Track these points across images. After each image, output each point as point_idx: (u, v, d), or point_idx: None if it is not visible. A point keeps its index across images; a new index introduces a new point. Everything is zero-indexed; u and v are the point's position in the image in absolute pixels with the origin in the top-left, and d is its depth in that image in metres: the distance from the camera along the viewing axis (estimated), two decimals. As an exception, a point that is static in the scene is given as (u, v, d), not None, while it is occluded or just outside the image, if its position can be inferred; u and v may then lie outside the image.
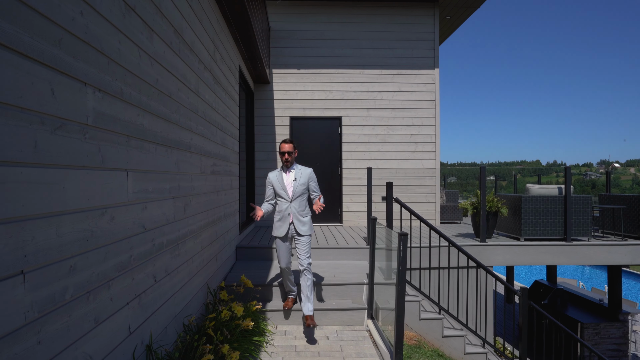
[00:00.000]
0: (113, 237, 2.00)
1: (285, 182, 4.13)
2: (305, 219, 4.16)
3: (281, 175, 4.16)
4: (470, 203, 6.53)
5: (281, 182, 4.12)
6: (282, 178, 4.14)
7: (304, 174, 4.15)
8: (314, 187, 4.21)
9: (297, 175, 4.13)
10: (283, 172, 4.17)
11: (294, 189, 4.10)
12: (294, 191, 4.10)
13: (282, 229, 4.14)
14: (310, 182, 4.16)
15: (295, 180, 4.11)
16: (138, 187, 2.32)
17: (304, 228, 4.13)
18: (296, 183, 4.11)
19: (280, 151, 4.14)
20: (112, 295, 1.99)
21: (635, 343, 9.09)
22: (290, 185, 4.12)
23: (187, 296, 3.33)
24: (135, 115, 2.28)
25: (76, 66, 1.67)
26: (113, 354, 1.99)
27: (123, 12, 2.14)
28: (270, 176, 4.20)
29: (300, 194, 4.12)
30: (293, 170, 4.16)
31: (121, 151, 2.10)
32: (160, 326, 2.66)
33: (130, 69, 2.22)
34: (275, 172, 4.20)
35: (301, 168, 4.20)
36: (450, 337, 4.81)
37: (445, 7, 8.65)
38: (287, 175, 4.15)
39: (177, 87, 3.10)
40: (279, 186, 4.13)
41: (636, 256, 6.28)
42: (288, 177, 4.15)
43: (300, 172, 4.16)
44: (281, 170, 4.19)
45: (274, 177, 4.16)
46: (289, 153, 4.10)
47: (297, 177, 4.12)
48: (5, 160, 1.26)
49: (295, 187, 4.10)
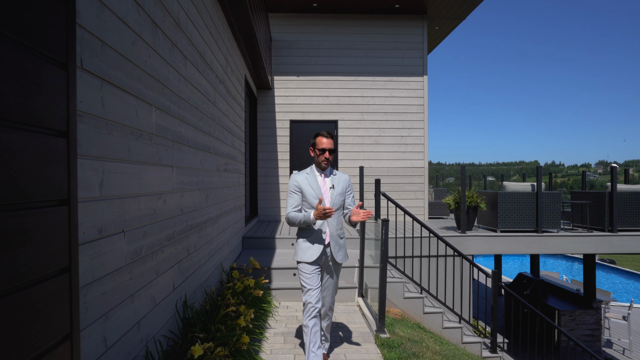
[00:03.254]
0: (165, 215, 2.73)
1: (322, 189, 3.10)
2: (342, 241, 3.19)
3: (315, 179, 3.11)
4: (453, 198, 7.27)
5: (316, 189, 3.06)
6: (318, 183, 3.10)
7: (342, 181, 3.18)
8: (351, 201, 3.24)
9: (335, 182, 3.15)
10: (318, 176, 3.14)
11: (333, 200, 3.09)
12: (332, 202, 3.09)
13: (313, 251, 3.04)
14: (348, 191, 3.21)
15: (333, 188, 3.12)
16: (178, 180, 3.06)
17: (341, 254, 3.15)
18: (334, 192, 3.11)
19: (319, 147, 3.09)
20: (165, 258, 2.72)
21: (610, 329, 9.85)
22: (328, 195, 3.10)
23: (208, 271, 4.07)
24: (176, 125, 3.02)
25: (146, 93, 2.40)
26: (165, 301, 2.72)
27: (170, 48, 2.87)
28: (299, 179, 3.10)
29: (338, 207, 3.14)
30: (330, 175, 3.19)
31: (169, 152, 2.83)
32: (191, 289, 3.39)
33: (174, 90, 2.95)
34: (304, 175, 3.13)
35: (337, 173, 3.23)
36: (431, 313, 5.54)
37: (433, 19, 9.41)
38: (323, 180, 3.13)
39: (202, 100, 3.83)
40: (312, 194, 3.04)
41: (599, 246, 7.03)
42: (323, 182, 3.13)
43: (337, 178, 3.18)
44: (314, 172, 3.15)
45: (304, 181, 3.08)
46: (330, 151, 3.10)
47: (334, 184, 3.13)
48: (116, 158, 1.99)
49: (334, 197, 3.10)
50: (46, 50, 0.90)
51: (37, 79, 0.87)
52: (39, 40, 0.87)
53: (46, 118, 0.90)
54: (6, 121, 0.77)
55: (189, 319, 3.10)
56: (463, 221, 6.95)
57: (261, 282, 4.41)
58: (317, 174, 3.14)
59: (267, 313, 4.20)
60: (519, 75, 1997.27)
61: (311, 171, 3.16)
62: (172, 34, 2.91)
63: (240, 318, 3.01)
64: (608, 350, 9.41)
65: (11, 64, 0.79)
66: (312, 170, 3.16)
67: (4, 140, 0.76)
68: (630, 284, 18.14)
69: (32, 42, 0.85)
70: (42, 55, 0.89)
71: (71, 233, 1.01)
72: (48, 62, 0.91)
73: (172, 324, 2.88)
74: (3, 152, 0.76)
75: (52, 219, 0.93)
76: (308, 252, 3.04)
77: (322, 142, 3.09)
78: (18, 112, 0.80)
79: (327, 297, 3.17)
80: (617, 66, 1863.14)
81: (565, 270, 20.17)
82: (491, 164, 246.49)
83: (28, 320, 0.83)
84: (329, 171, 3.18)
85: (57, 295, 0.95)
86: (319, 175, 3.14)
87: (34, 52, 0.86)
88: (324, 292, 3.14)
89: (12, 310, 0.78)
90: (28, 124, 0.84)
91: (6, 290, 0.77)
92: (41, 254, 0.89)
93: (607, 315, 9.69)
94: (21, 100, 0.81)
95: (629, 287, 17.62)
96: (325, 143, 3.08)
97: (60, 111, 0.96)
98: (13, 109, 0.79)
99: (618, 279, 18.93)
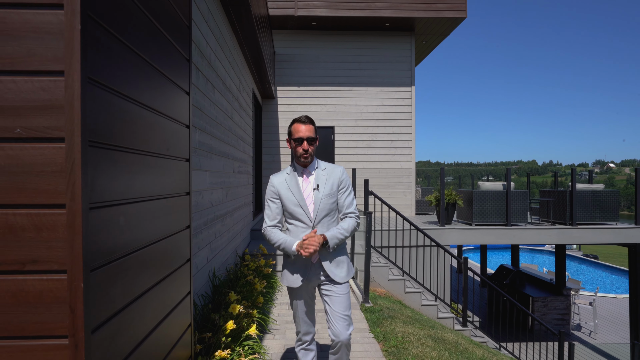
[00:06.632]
0: (202, 207, 3.75)
1: (302, 190, 2.42)
2: (342, 257, 2.44)
3: (294, 179, 2.43)
4: (434, 196, 8.29)
5: (295, 192, 2.40)
6: (298, 185, 2.42)
7: (331, 177, 2.44)
8: (346, 199, 2.46)
9: (320, 180, 2.43)
10: (297, 175, 2.45)
11: (318, 205, 2.39)
12: (317, 207, 2.39)
13: (297, 273, 2.40)
14: (341, 189, 2.45)
15: (318, 188, 2.41)
16: (210, 180, 4.07)
17: (339, 271, 2.40)
18: (319, 194, 2.40)
19: (294, 137, 2.38)
20: (203, 238, 3.74)
21: (579, 315, 10.90)
22: (311, 199, 2.41)
23: (227, 253, 5.08)
24: (208, 139, 4.04)
25: (195, 121, 3.42)
26: (204, 268, 3.74)
27: (205, 83, 3.89)
28: (275, 182, 2.45)
29: (327, 213, 2.41)
30: (314, 171, 2.46)
31: (204, 160, 3.85)
32: (217, 265, 4.41)
33: (206, 113, 3.97)
34: (282, 176, 2.46)
35: (326, 167, 2.49)
36: (411, 293, 6.57)
37: (420, 35, 10.44)
38: (304, 180, 2.44)
39: (223, 117, 4.85)
40: (291, 199, 2.40)
41: (561, 237, 8.06)
42: (306, 183, 2.44)
43: (325, 174, 2.45)
44: (292, 171, 2.47)
45: (282, 184, 2.43)
46: (309, 140, 2.38)
47: (319, 184, 2.42)
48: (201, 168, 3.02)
49: (319, 201, 2.39)
50: (183, 123, 1.93)
51: (180, 136, 1.89)
52: (180, 117, 1.90)
53: (183, 152, 1.93)
54: (170, 157, 1.78)
55: (217, 286, 4.12)
56: (442, 216, 7.98)
57: (270, 262, 5.42)
58: (297, 175, 2.44)
59: (275, 287, 5.21)
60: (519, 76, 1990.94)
61: (291, 170, 2.46)
62: (207, 72, 3.93)
63: (256, 284, 4.03)
64: (577, 333, 10.46)
65: (174, 136, 1.81)
66: (292, 169, 2.46)
67: (170, 166, 1.79)
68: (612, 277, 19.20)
69: (181, 119, 1.88)
70: (180, 124, 1.92)
71: (190, 209, 2.03)
72: (181, 126, 1.94)
73: (207, 287, 3.90)
74: (168, 169, 1.78)
75: (183, 201, 1.96)
76: (292, 275, 2.39)
77: (299, 130, 2.35)
78: (174, 152, 1.82)
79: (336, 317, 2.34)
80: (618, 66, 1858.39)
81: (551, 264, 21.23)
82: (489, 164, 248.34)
83: (176, 249, 1.85)
84: (314, 166, 2.45)
85: (185, 238, 1.97)
86: (299, 176, 2.43)
87: (181, 125, 1.88)
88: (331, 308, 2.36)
89: (171, 244, 1.80)
90: (177, 157, 1.86)
91: (168, 235, 1.79)
92: (180, 218, 1.91)
93: (576, 302, 10.73)
94: (176, 148, 1.84)
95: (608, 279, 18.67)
96: (303, 130, 2.35)
97: (185, 148, 1.98)
98: (171, 150, 1.80)
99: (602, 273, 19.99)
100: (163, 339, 1.59)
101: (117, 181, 1.13)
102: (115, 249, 1.12)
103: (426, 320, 5.35)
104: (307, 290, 2.44)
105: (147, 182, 1.42)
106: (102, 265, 1.04)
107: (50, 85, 0.93)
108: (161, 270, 1.59)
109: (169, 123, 1.74)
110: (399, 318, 4.67)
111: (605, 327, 10.83)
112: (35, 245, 0.94)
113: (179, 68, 1.88)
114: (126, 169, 1.20)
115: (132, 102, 1.26)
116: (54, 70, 0.93)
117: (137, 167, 1.30)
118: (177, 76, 1.85)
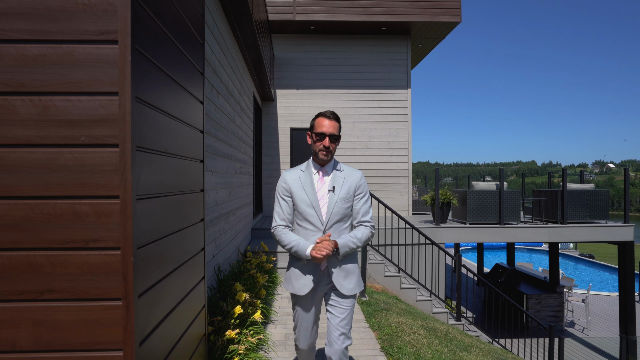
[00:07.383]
0: (208, 204, 4.01)
1: (316, 190, 2.27)
2: (351, 265, 2.29)
3: (309, 178, 2.29)
4: (430, 196, 8.56)
5: (309, 191, 2.26)
6: (312, 184, 2.28)
7: (349, 180, 2.30)
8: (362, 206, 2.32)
9: (337, 182, 2.28)
10: (313, 174, 2.31)
11: (331, 208, 2.24)
12: (330, 210, 2.24)
13: (305, 280, 2.26)
14: (357, 194, 2.30)
15: (333, 190, 2.26)
16: (214, 180, 4.34)
17: (347, 282, 2.26)
18: (334, 196, 2.25)
19: (317, 131, 2.25)
20: (209, 234, 4.00)
21: (572, 312, 11.17)
22: (325, 201, 2.26)
23: (230, 250, 5.34)
24: (213, 141, 4.30)
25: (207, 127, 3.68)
26: (210, 262, 4.00)
27: (210, 89, 4.16)
28: (288, 178, 2.31)
29: (340, 218, 2.26)
30: (331, 172, 2.32)
31: (210, 161, 4.11)
32: (221, 260, 4.67)
33: (213, 118, 4.23)
34: (296, 172, 2.33)
35: (344, 169, 2.35)
36: (407, 289, 6.84)
37: (416, 38, 10.72)
38: (320, 179, 2.30)
39: (226, 120, 5.12)
40: (303, 199, 2.26)
41: (552, 236, 8.33)
42: (321, 183, 2.30)
43: (342, 176, 2.30)
44: (308, 169, 2.33)
45: (296, 181, 2.29)
46: (332, 138, 2.26)
47: (335, 185, 2.27)
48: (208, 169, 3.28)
49: (333, 204, 2.24)
50: (198, 129, 2.20)
51: (196, 140, 2.16)
52: (196, 124, 2.17)
53: (198, 154, 2.20)
54: (189, 158, 2.05)
55: (222, 280, 4.38)
56: (437, 215, 8.25)
57: (272, 258, 5.69)
58: (314, 171, 2.29)
59: (276, 282, 5.48)
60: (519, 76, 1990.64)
61: (307, 167, 2.32)
62: (212, 79, 4.20)
63: (259, 278, 4.29)
64: (570, 329, 10.73)
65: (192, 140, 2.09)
66: (309, 166, 2.32)
67: (189, 166, 2.06)
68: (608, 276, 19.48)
69: (196, 125, 2.15)
70: (196, 130, 2.19)
71: (205, 204, 2.30)
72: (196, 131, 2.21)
73: (212, 281, 4.17)
74: (187, 169, 2.04)
75: (199, 197, 2.22)
76: (300, 280, 2.26)
77: (323, 125, 2.24)
78: (191, 154, 2.09)
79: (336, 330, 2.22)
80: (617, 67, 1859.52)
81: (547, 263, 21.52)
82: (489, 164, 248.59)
83: (193, 238, 2.12)
84: (332, 166, 2.31)
85: (200, 230, 2.24)
86: (316, 172, 2.28)
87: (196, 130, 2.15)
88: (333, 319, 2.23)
89: (190, 233, 2.07)
90: (194, 159, 2.13)
91: (188, 225, 2.05)
92: (196, 211, 2.17)
93: (569, 299, 11.01)
94: (193, 150, 2.11)
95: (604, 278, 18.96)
96: (327, 126, 2.23)
97: (200, 150, 2.25)
98: (189, 152, 2.07)
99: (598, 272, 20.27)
100: (183, 315, 1.86)
101: (153, 178, 1.40)
102: (153, 233, 1.39)
103: (420, 314, 5.62)
104: (313, 299, 2.30)
105: (173, 179, 1.69)
106: (145, 245, 1.31)
107: (107, 103, 1.20)
108: (182, 255, 1.85)
109: (188, 129, 2.01)
110: (393, 310, 4.93)
111: (598, 324, 11.11)
112: (95, 228, 1.20)
113: (194, 81, 2.15)
114: (159, 169, 1.47)
115: (162, 113, 1.53)
116: (111, 91, 1.20)
117: (166, 167, 1.57)
118: (193, 88, 2.12)
